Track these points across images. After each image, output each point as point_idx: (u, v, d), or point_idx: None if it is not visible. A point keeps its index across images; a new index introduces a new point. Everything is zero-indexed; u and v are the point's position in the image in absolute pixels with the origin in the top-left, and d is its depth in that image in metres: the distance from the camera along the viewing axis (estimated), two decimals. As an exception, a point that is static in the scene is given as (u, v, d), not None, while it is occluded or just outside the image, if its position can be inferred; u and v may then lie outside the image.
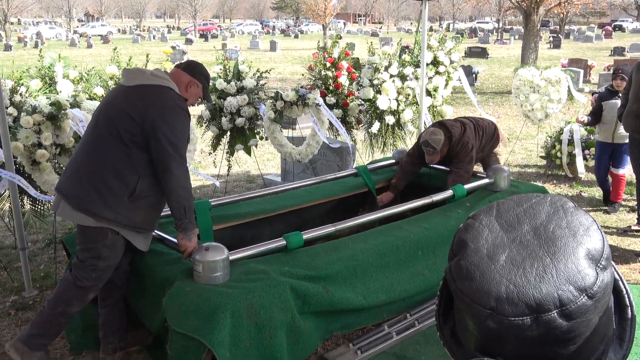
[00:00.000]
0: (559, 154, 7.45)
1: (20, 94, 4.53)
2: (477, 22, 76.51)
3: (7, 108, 4.19)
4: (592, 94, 7.25)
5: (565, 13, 30.72)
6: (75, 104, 4.70)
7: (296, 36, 52.56)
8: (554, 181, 7.46)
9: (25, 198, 4.83)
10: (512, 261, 0.80)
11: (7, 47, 32.10)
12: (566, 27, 50.40)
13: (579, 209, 0.85)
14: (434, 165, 4.95)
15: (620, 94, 5.76)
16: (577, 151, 7.25)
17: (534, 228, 0.82)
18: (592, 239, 0.80)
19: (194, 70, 3.34)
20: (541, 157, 8.15)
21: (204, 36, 49.00)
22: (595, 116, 6.18)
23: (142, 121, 3.02)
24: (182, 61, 3.47)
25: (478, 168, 5.18)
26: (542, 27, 35.10)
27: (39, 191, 4.64)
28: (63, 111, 4.38)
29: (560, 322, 0.76)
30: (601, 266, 0.78)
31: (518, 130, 9.96)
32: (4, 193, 4.80)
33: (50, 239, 5.42)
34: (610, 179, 6.34)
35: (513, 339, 0.78)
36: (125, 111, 3.05)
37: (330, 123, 6.28)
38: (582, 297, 0.76)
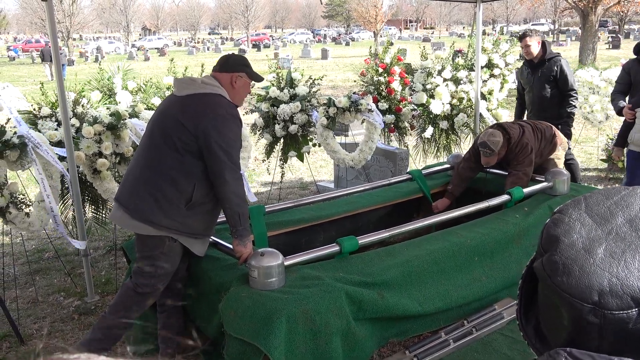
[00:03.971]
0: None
1: (82, 106, 4.68)
2: (532, 24, 74.86)
3: (70, 119, 4.35)
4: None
5: (625, 12, 29.71)
6: (134, 114, 4.84)
7: (347, 44, 52.70)
8: (616, 185, 7.19)
9: (88, 206, 4.99)
10: (612, 254, 0.78)
11: (70, 62, 33.37)
12: (626, 26, 48.75)
13: None
14: (491, 170, 4.84)
15: None
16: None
17: (628, 220, 0.81)
18: None
19: (228, 64, 3.27)
20: (602, 160, 7.89)
21: (256, 46, 49.83)
22: (628, 128, 5.12)
23: (195, 130, 3.05)
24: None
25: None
26: (601, 27, 34.06)
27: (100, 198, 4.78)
28: (122, 121, 4.52)
29: None
30: None
31: (577, 133, 9.67)
32: (67, 201, 4.98)
33: (111, 245, 5.58)
34: None
35: (615, 333, 0.76)
36: (179, 120, 3.09)
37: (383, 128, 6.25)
38: None
